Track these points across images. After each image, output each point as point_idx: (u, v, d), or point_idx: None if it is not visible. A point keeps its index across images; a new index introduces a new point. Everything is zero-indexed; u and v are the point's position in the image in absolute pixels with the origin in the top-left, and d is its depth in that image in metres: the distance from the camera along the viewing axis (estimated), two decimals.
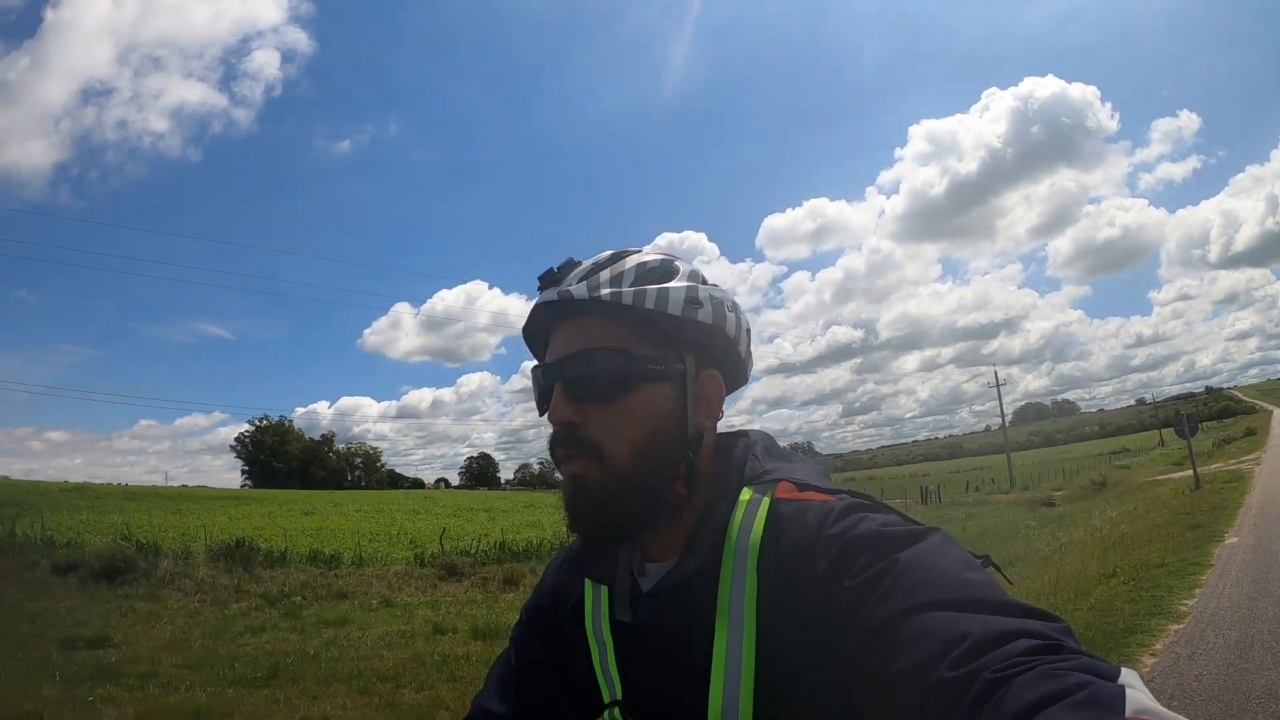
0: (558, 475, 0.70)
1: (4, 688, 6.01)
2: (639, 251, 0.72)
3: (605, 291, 0.67)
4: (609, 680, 0.73)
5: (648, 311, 0.67)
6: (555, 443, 0.68)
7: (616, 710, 0.73)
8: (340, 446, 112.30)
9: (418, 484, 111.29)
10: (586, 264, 0.71)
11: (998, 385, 46.76)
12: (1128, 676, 0.41)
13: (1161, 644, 5.13)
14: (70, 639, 7.97)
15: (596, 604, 0.75)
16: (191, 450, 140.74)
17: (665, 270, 0.70)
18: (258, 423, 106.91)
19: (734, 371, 0.75)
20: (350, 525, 24.67)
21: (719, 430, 0.74)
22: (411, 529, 23.70)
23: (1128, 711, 0.37)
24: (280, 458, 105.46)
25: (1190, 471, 19.62)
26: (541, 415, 0.70)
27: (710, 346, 0.71)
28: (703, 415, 0.70)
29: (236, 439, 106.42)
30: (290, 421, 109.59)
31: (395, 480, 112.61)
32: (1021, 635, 0.45)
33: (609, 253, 0.72)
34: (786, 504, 0.64)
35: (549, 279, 0.71)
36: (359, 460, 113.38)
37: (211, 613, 10.39)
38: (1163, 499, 17.02)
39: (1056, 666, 0.42)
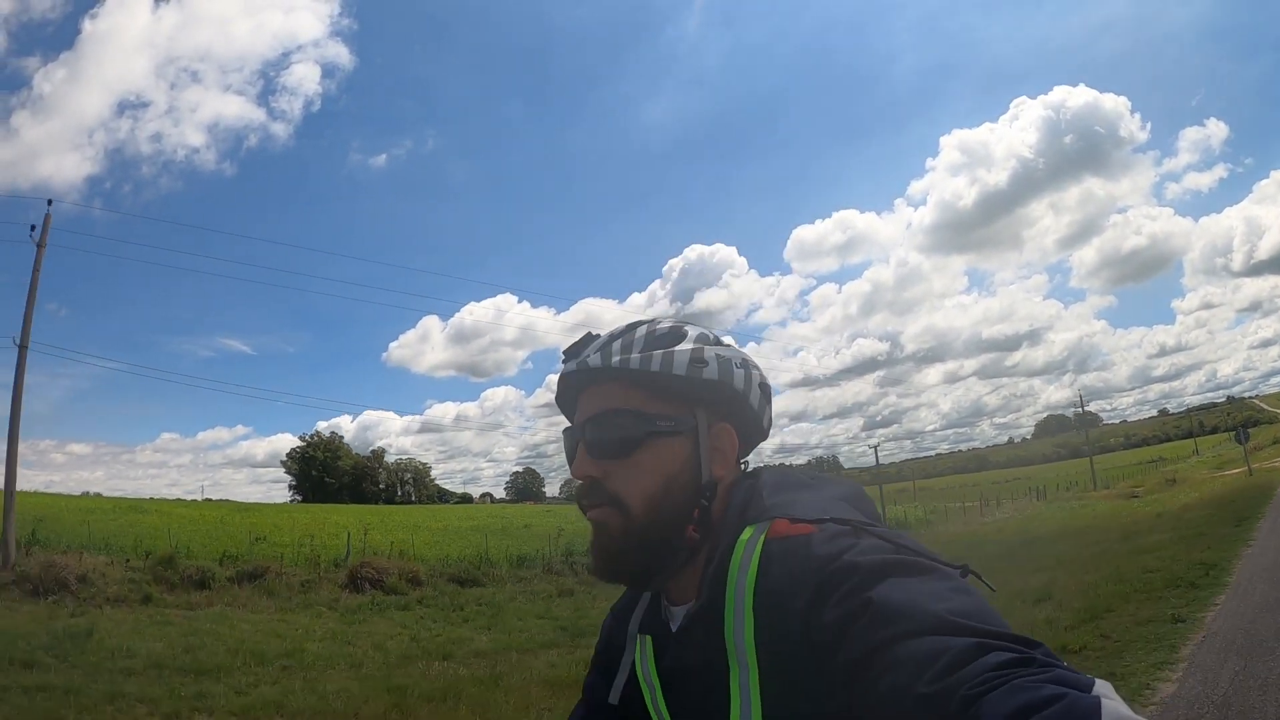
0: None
1: None
2: (652, 321, 0.86)
3: (616, 359, 0.80)
4: (659, 719, 0.83)
5: (654, 374, 0.79)
6: (580, 495, 0.82)
7: None
8: (389, 461, 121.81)
9: (466, 499, 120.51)
10: (603, 337, 0.85)
11: (1082, 404, 58.70)
12: (1101, 687, 0.45)
13: (1262, 516, 16.30)
14: None
15: (643, 650, 0.85)
16: (213, 464, 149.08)
17: (673, 336, 0.83)
18: (308, 438, 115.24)
19: (747, 423, 0.85)
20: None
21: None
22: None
23: None
24: (332, 473, 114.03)
25: (1234, 471, 31.48)
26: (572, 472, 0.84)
27: (720, 402, 0.82)
28: (717, 465, 0.81)
29: (288, 454, 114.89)
30: (341, 437, 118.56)
31: (443, 495, 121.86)
32: (994, 650, 0.50)
33: (625, 325, 0.86)
34: (777, 541, 0.71)
35: (571, 352, 0.85)
36: (408, 476, 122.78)
37: None
38: (1227, 483, 28.83)
39: (1030, 679, 0.46)
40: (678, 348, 0.81)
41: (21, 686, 6.80)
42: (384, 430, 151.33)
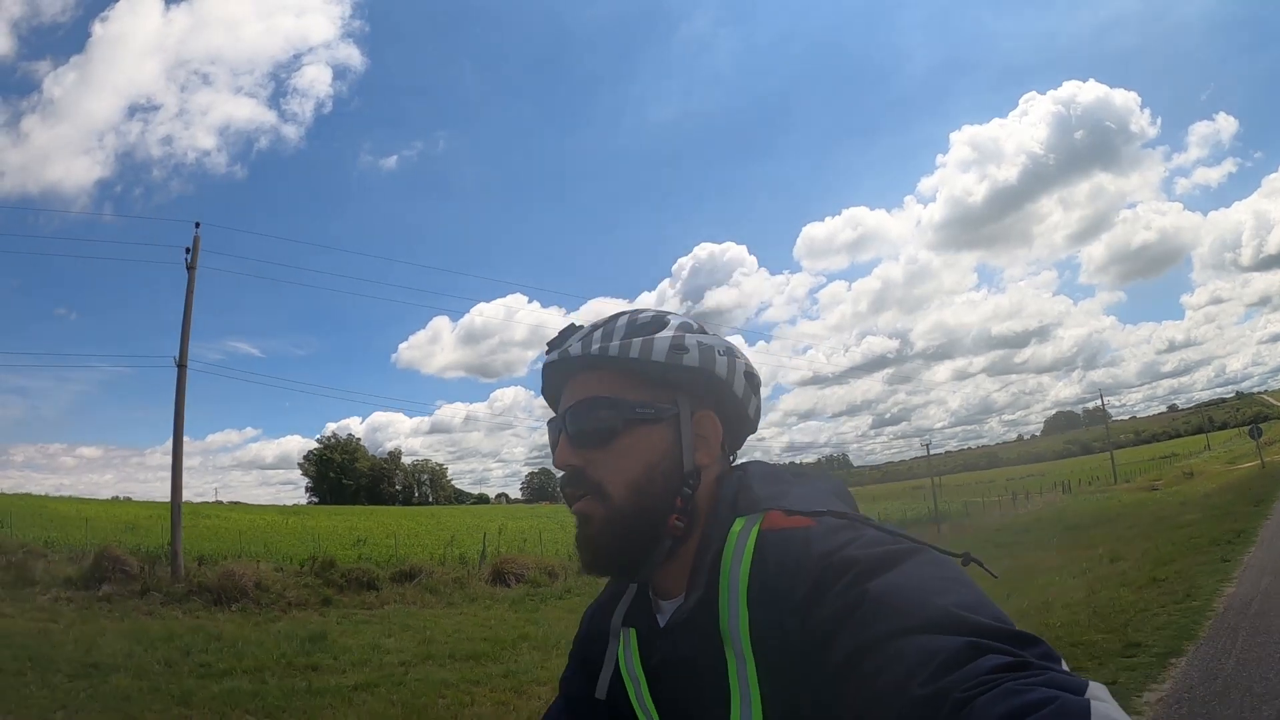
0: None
1: None
2: (635, 311, 0.87)
3: (595, 347, 0.81)
4: (646, 714, 0.83)
5: (633, 360, 0.80)
6: (564, 484, 0.83)
7: None
8: (406, 462, 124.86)
9: (482, 499, 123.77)
10: (585, 327, 0.86)
11: (1102, 402, 62.37)
12: (1095, 690, 0.46)
13: (1277, 498, 19.70)
14: None
15: (627, 643, 0.86)
16: (222, 466, 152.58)
17: (655, 323, 0.84)
18: (325, 440, 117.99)
19: (732, 412, 0.85)
20: None
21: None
22: None
23: None
24: (349, 475, 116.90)
25: (1247, 465, 34.98)
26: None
27: (701, 389, 0.82)
28: (701, 453, 0.81)
29: (305, 456, 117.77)
30: (358, 439, 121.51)
31: (460, 496, 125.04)
32: (989, 652, 0.50)
33: (607, 315, 0.87)
34: (772, 533, 0.72)
35: (553, 344, 0.86)
36: (425, 477, 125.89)
37: None
38: (1242, 474, 32.31)
39: (1023, 683, 0.47)
40: (658, 335, 0.82)
41: (347, 686, 7.21)
42: (393, 431, 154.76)
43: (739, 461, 0.88)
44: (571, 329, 0.87)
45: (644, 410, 0.80)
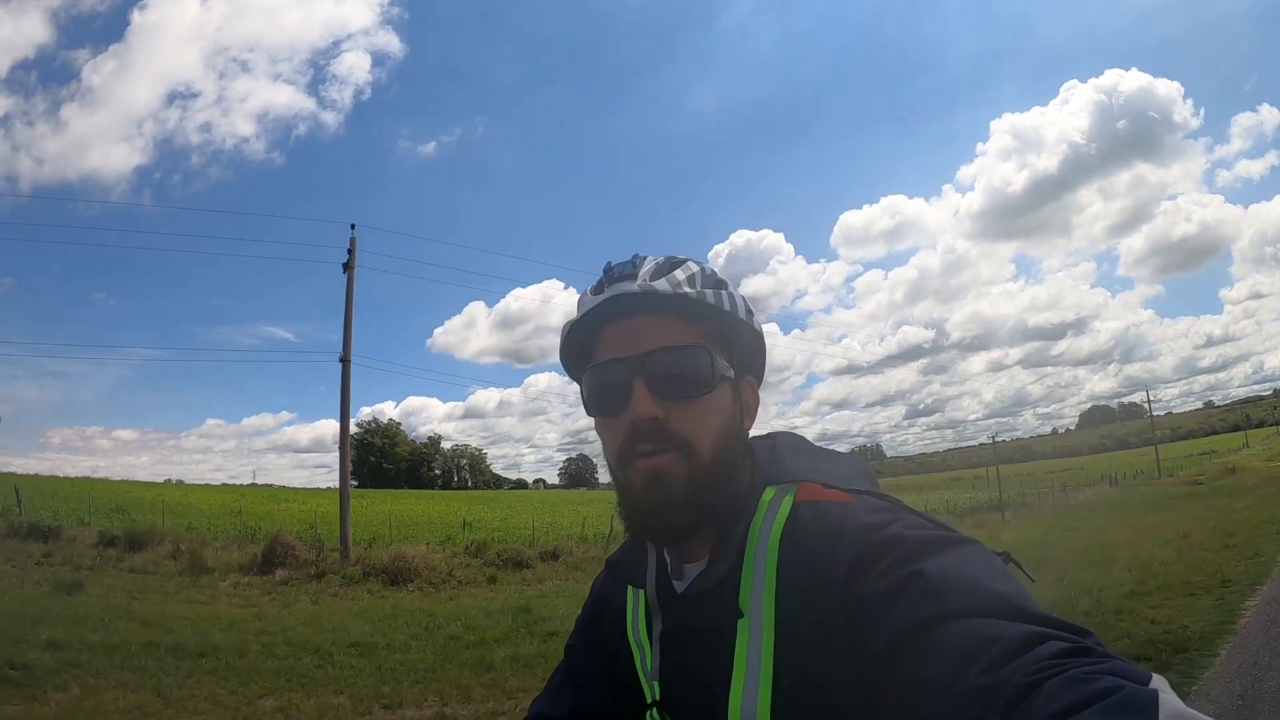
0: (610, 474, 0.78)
1: None
2: (689, 260, 0.79)
3: (689, 290, 0.74)
4: (649, 682, 0.82)
5: (724, 314, 0.75)
6: (639, 438, 0.73)
7: (655, 711, 0.81)
8: (445, 447, 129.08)
9: (520, 484, 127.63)
10: (650, 264, 0.77)
11: (1147, 397, 64.34)
12: (1158, 681, 0.45)
13: None
14: None
15: (636, 609, 0.84)
16: (257, 449, 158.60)
17: (719, 279, 0.79)
18: (365, 425, 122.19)
19: (761, 380, 0.84)
20: None
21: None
22: None
23: (1161, 716, 0.41)
24: (390, 459, 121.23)
25: None
26: (594, 414, 0.77)
27: (754, 354, 0.82)
28: (747, 420, 0.81)
29: None
30: (399, 424, 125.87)
31: (498, 481, 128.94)
32: (1051, 639, 0.49)
33: (665, 256, 0.78)
34: (808, 505, 0.70)
35: (623, 273, 0.76)
36: (464, 462, 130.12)
37: None
38: None
39: (1087, 670, 0.46)
40: (735, 292, 0.78)
41: None
42: (427, 416, 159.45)
43: (761, 433, 0.84)
44: (639, 260, 0.78)
45: (725, 369, 0.76)
